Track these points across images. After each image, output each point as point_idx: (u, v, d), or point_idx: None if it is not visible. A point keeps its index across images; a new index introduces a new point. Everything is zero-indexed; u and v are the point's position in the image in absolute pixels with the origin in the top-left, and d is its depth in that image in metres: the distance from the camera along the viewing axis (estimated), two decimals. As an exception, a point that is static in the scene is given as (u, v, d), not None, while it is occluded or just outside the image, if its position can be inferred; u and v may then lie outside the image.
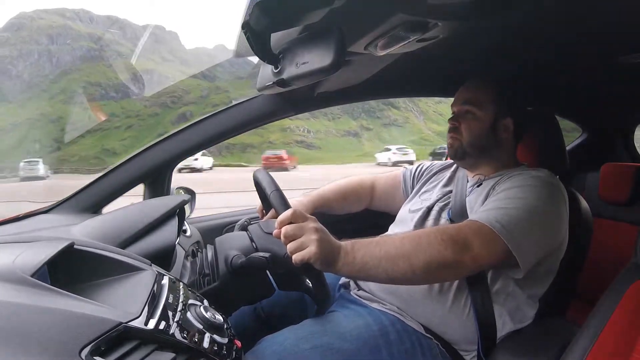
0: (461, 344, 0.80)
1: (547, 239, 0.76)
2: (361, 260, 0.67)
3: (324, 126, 35.52)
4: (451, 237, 0.69)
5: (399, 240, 0.70)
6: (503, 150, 0.92)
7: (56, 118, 36.81)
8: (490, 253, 0.71)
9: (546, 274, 0.82)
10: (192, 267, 0.84)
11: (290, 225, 0.67)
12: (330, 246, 0.66)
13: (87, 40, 47.79)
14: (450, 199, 0.92)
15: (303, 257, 0.64)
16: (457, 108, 0.93)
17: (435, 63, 1.01)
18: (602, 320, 0.59)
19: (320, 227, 0.67)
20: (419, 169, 1.11)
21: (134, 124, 38.10)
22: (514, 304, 0.80)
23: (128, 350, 0.44)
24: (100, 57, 47.34)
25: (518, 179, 0.81)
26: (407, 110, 36.86)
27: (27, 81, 42.58)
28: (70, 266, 0.56)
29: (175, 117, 35.97)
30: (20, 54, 44.51)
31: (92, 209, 1.01)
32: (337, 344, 0.71)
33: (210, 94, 39.13)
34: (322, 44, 0.54)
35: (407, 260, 0.67)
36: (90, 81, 42.76)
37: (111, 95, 41.98)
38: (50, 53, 45.23)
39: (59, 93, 41.01)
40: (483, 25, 0.74)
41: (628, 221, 1.31)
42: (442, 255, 0.68)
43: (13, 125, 36.75)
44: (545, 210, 0.76)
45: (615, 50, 0.90)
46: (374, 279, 0.70)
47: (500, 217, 0.72)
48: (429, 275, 0.70)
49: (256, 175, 0.86)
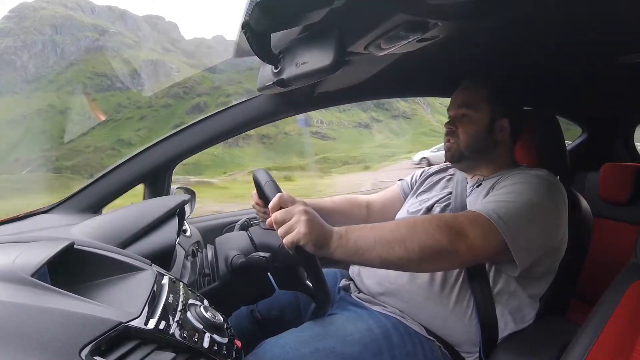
0: (463, 346, 0.79)
1: (544, 237, 0.75)
2: (355, 243, 0.66)
3: (335, 117, 35.41)
4: (447, 224, 0.68)
5: (394, 224, 0.69)
6: (500, 150, 0.92)
7: (64, 109, 36.67)
8: (486, 243, 0.69)
9: (546, 273, 0.82)
10: (192, 267, 0.84)
11: (279, 210, 0.67)
12: (321, 228, 0.65)
13: (90, 31, 47.42)
14: (451, 200, 0.92)
15: (293, 238, 0.64)
16: (453, 112, 0.94)
17: (435, 63, 1.01)
18: (602, 320, 0.59)
19: (310, 209, 0.66)
20: (414, 176, 1.13)
21: (147, 114, 37.94)
22: (516, 304, 0.80)
23: (128, 350, 0.44)
24: (104, 47, 47.08)
25: (518, 177, 0.81)
26: (414, 102, 36.75)
27: (32, 72, 42.29)
28: (70, 266, 0.56)
29: (189, 108, 35.84)
30: (25, 45, 44.10)
31: (92, 209, 1.01)
32: (339, 347, 0.71)
33: (222, 85, 39.02)
34: (322, 44, 0.55)
35: (402, 244, 0.65)
36: (97, 72, 42.49)
37: (117, 86, 41.78)
38: (54, 43, 44.87)
39: (65, 84, 40.82)
40: (483, 25, 0.74)
41: (628, 221, 1.31)
42: (437, 240, 0.66)
43: (22, 117, 36.60)
44: (543, 207, 0.76)
45: (615, 50, 0.90)
46: (368, 263, 0.68)
47: (497, 209, 0.72)
48: (424, 262, 0.68)
49: (255, 174, 0.87)
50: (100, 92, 41.26)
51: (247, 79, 36.02)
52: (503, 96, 0.92)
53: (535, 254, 0.74)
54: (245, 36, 0.56)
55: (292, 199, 0.68)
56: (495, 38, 0.84)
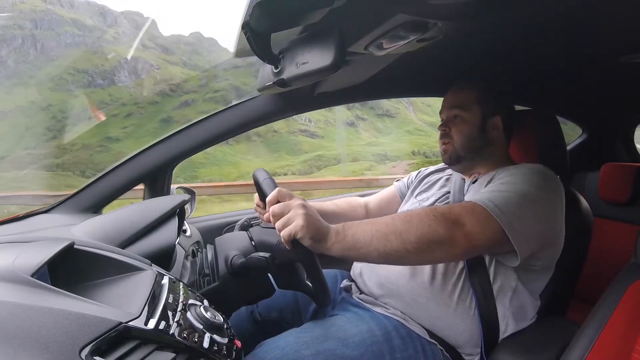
0: (465, 348, 0.79)
1: (541, 226, 0.75)
2: (352, 237, 0.66)
3: (322, 116, 35.54)
4: (443, 214, 0.68)
5: (390, 218, 0.69)
6: (495, 148, 0.93)
7: (47, 106, 36.50)
8: (484, 231, 0.69)
9: (544, 268, 0.81)
10: (192, 267, 0.84)
11: (277, 204, 0.67)
12: (318, 223, 0.66)
13: (70, 26, 46.96)
14: (449, 200, 0.93)
15: (290, 231, 0.64)
16: (445, 114, 0.95)
17: (435, 63, 1.01)
18: (602, 320, 0.60)
19: (308, 204, 0.67)
20: (410, 176, 1.14)
21: (133, 111, 37.87)
22: (517, 304, 0.80)
23: (128, 350, 0.44)
24: (84, 43, 46.64)
25: (513, 170, 0.82)
26: (398, 101, 36.84)
27: (12, 67, 41.88)
28: (70, 266, 0.56)
29: (178, 104, 35.98)
30: (4, 39, 43.74)
31: (92, 209, 1.01)
32: (340, 350, 0.71)
33: (209, 82, 38.94)
34: (322, 44, 0.54)
35: (399, 236, 0.65)
36: (78, 68, 42.17)
37: (98, 83, 41.40)
38: (34, 38, 44.30)
39: (46, 80, 40.58)
40: (483, 25, 0.74)
41: (628, 221, 1.31)
42: (434, 230, 0.66)
43: (3, 113, 36.41)
44: (539, 196, 0.75)
45: (615, 50, 0.90)
46: (365, 257, 0.68)
47: (493, 198, 0.72)
48: (422, 253, 0.67)
49: (254, 173, 0.87)
50: (81, 88, 41.13)
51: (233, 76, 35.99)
52: (493, 95, 0.93)
53: (533, 243, 0.74)
54: (245, 36, 0.56)
55: (289, 193, 0.69)
56: (495, 38, 0.84)
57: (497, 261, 0.79)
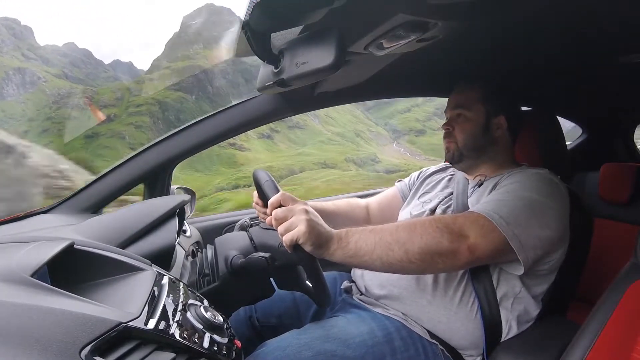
0: (467, 349, 0.79)
1: (546, 234, 0.74)
2: (355, 245, 0.66)
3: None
4: (447, 225, 0.68)
5: (394, 227, 0.69)
6: (499, 148, 0.92)
7: None
8: (487, 243, 0.69)
9: (550, 272, 0.81)
10: (192, 267, 0.84)
11: (280, 208, 0.67)
12: (321, 228, 0.65)
13: None
14: (452, 201, 0.92)
15: (292, 236, 0.63)
16: (449, 113, 0.95)
17: (435, 63, 1.01)
18: (602, 320, 0.59)
19: (311, 209, 0.67)
20: (412, 177, 1.13)
21: (48, 127, 36.75)
22: (521, 308, 0.79)
23: (128, 350, 0.44)
24: None
25: (519, 176, 0.81)
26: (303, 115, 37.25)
27: None
28: (70, 266, 0.56)
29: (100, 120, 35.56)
30: None
31: (92, 209, 1.01)
32: (341, 351, 0.70)
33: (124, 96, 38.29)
34: (322, 44, 0.54)
35: (402, 246, 0.65)
36: None
37: None
38: None
39: None
40: (483, 25, 0.74)
41: (628, 221, 1.31)
42: (437, 242, 0.66)
43: None
44: (544, 204, 0.75)
45: (615, 50, 0.90)
46: (368, 265, 0.67)
47: (497, 209, 0.71)
48: (425, 264, 0.66)
49: (255, 173, 0.87)
50: (-40, 104, 38.76)
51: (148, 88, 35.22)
52: (497, 94, 0.92)
53: (538, 252, 0.73)
54: (245, 36, 0.56)
55: (292, 197, 0.69)
56: (494, 38, 0.84)
57: (502, 268, 0.78)
